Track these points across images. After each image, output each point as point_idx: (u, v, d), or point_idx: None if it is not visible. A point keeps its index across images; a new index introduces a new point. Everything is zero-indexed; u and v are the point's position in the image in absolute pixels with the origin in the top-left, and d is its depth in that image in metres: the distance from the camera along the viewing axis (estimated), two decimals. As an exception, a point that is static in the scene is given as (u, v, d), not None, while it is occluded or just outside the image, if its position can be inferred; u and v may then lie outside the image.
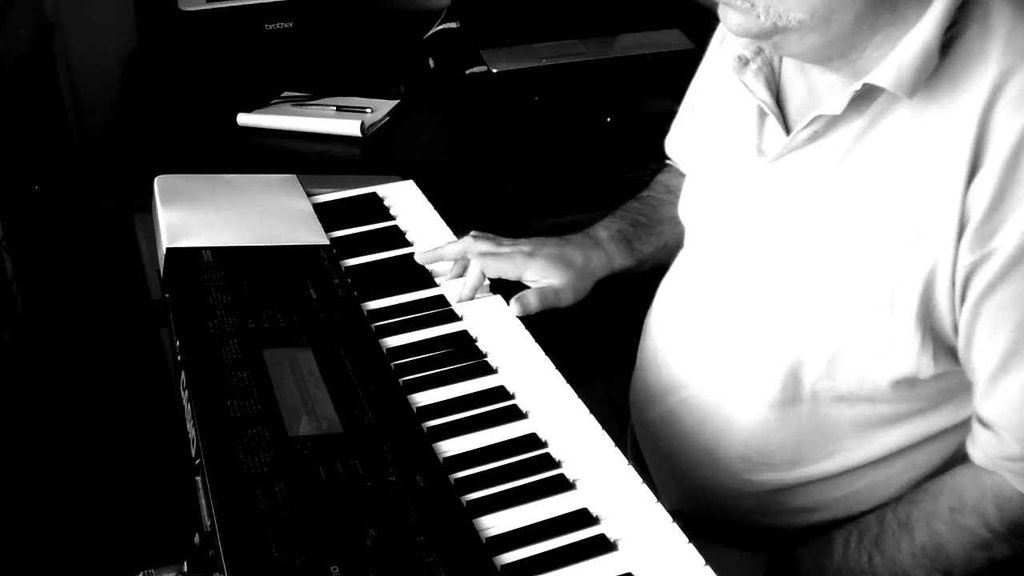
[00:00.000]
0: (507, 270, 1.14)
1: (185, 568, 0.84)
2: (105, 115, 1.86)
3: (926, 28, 0.85)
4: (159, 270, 1.17)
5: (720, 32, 1.17)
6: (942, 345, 0.91)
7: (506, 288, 1.16)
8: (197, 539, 0.85)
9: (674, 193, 1.20)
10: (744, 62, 1.00)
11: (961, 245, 0.85)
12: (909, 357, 0.91)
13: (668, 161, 1.34)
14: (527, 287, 1.14)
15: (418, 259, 1.18)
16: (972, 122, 0.84)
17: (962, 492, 0.95)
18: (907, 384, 0.94)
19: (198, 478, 0.86)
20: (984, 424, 0.93)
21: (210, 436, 0.88)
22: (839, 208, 0.92)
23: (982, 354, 0.89)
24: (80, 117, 2.03)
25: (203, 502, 0.83)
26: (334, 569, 0.75)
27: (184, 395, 0.96)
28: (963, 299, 0.87)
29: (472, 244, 1.15)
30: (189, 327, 1.03)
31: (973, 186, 0.84)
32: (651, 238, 1.24)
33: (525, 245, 1.16)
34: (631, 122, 1.69)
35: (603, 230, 1.22)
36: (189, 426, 0.93)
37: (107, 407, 1.92)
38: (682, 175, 1.26)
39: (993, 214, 0.83)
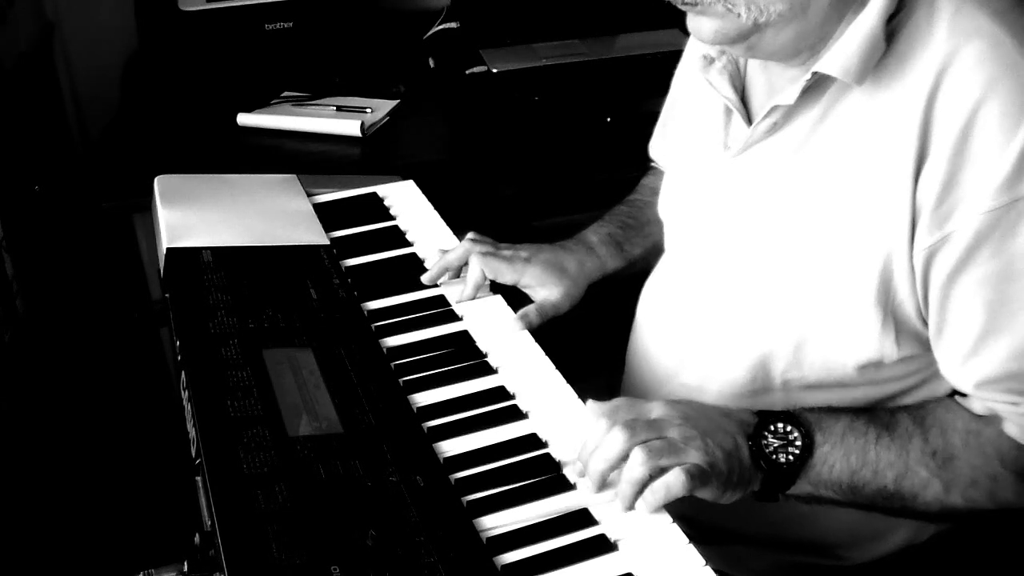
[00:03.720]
0: (506, 272, 1.14)
1: (185, 568, 0.84)
2: (105, 115, 1.86)
3: (871, 15, 0.87)
4: (159, 270, 1.17)
5: None
6: (905, 329, 0.92)
7: (506, 288, 1.16)
8: (197, 539, 0.85)
9: (659, 194, 1.21)
10: (709, 61, 1.02)
11: (917, 230, 0.87)
12: (871, 341, 0.92)
13: (652, 164, 1.35)
14: (521, 293, 1.15)
15: (426, 279, 1.17)
16: (919, 106, 0.85)
17: (979, 420, 0.93)
18: (873, 368, 0.95)
19: (198, 478, 0.86)
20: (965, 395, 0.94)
21: (210, 436, 0.88)
22: (798, 196, 0.94)
23: (954, 336, 0.90)
24: (80, 117, 2.02)
25: (203, 502, 0.83)
26: (334, 569, 0.75)
27: (184, 395, 0.96)
28: (925, 283, 0.89)
29: (472, 246, 1.16)
30: (189, 327, 1.03)
31: (924, 171, 0.85)
32: (640, 239, 1.25)
33: (523, 251, 1.17)
34: (631, 122, 1.69)
35: (593, 235, 1.23)
36: (189, 426, 0.93)
37: (107, 407, 1.92)
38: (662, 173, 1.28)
39: (946, 197, 0.85)
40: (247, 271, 1.12)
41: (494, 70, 1.82)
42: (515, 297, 1.16)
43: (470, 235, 1.18)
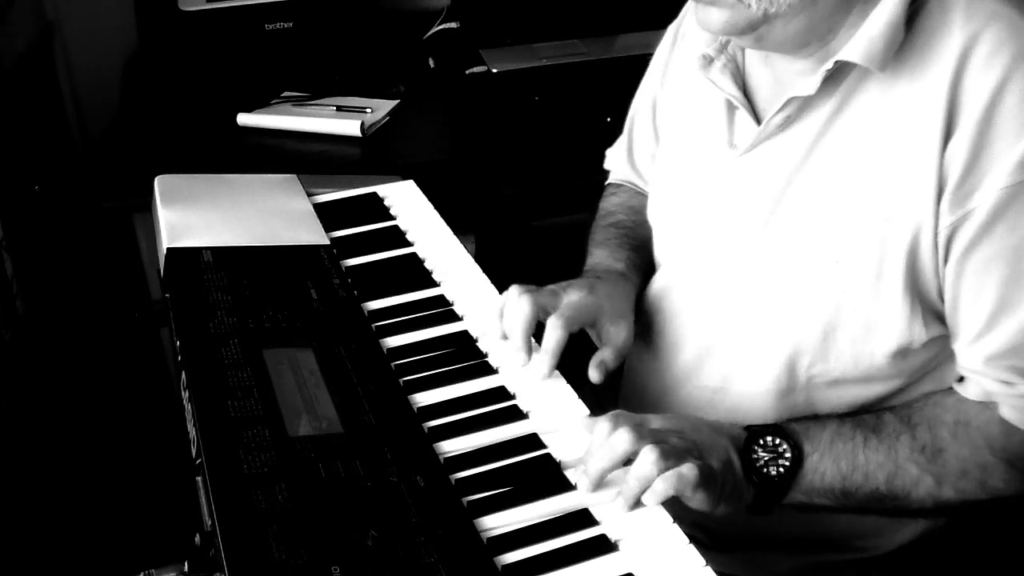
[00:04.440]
0: (584, 323, 1.06)
1: (186, 568, 0.84)
2: (105, 115, 1.86)
3: (891, 2, 0.88)
4: (159, 270, 1.17)
5: (669, 37, 1.18)
6: (930, 310, 0.93)
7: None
8: (198, 539, 0.85)
9: (641, 213, 1.20)
10: (708, 60, 1.02)
11: (941, 207, 0.88)
12: (901, 326, 0.93)
13: (610, 182, 1.34)
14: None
15: (494, 338, 1.05)
16: (943, 88, 0.86)
17: (968, 410, 0.94)
18: (901, 355, 0.95)
19: (199, 478, 0.86)
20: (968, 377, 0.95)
21: (211, 436, 0.88)
22: (819, 188, 0.94)
23: (969, 313, 0.91)
24: (80, 117, 2.03)
25: (204, 502, 0.83)
26: (335, 569, 0.75)
27: (185, 395, 0.96)
28: (946, 260, 0.90)
29: (544, 300, 1.04)
30: (189, 327, 1.03)
31: (949, 149, 0.86)
32: (647, 258, 1.22)
33: (585, 291, 1.08)
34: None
35: (617, 262, 1.18)
36: (190, 426, 0.93)
37: (107, 407, 1.92)
38: (638, 193, 1.27)
39: (970, 174, 0.86)
40: (247, 271, 1.12)
41: (494, 70, 1.82)
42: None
43: (516, 288, 1.04)
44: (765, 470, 0.92)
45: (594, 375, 1.04)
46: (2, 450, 1.70)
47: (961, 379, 0.96)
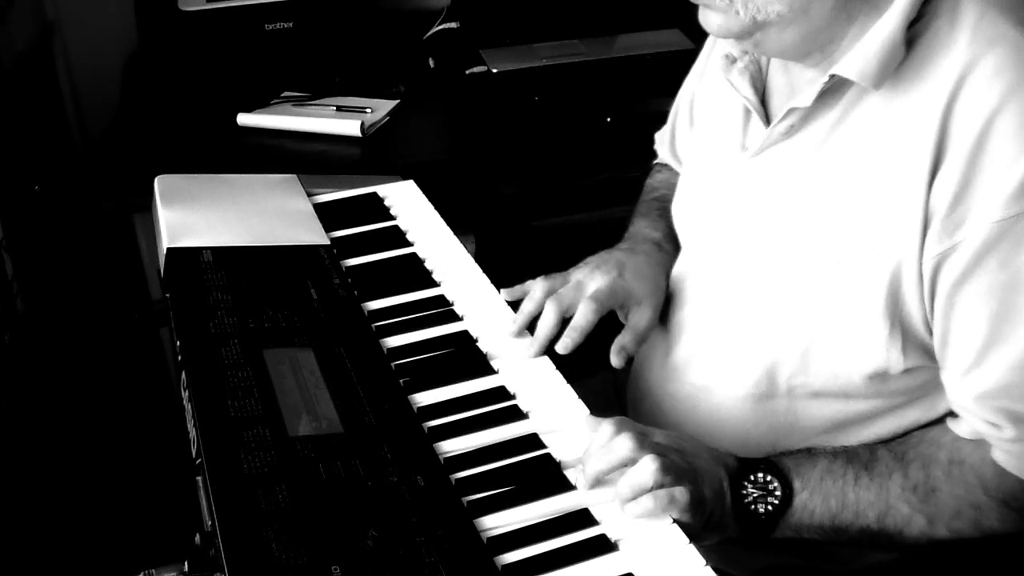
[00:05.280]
0: (613, 305, 1.08)
1: (186, 568, 0.84)
2: (105, 115, 1.86)
3: (891, 19, 0.86)
4: (159, 270, 1.17)
5: None
6: (912, 339, 0.91)
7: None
8: (198, 539, 0.85)
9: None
10: (731, 61, 1.02)
11: (928, 237, 0.86)
12: (878, 350, 0.91)
13: (657, 162, 1.35)
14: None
15: (512, 331, 1.08)
16: (936, 113, 0.84)
17: (962, 449, 0.93)
18: (880, 379, 0.94)
19: (199, 478, 0.86)
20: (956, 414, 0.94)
21: (211, 436, 0.88)
22: (812, 200, 0.93)
23: (958, 347, 0.89)
24: (80, 117, 2.03)
25: (204, 502, 0.83)
26: (335, 569, 0.75)
27: (185, 395, 0.96)
28: (932, 292, 0.88)
29: (573, 294, 1.07)
30: (190, 327, 1.03)
31: (938, 177, 0.84)
32: None
33: (628, 290, 1.09)
34: (631, 122, 1.69)
35: (655, 231, 1.20)
36: (190, 426, 0.93)
37: (107, 407, 1.92)
38: (678, 173, 1.27)
39: (958, 205, 0.84)
40: (247, 271, 1.12)
41: (494, 70, 1.82)
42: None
43: (541, 279, 1.10)
44: (753, 507, 0.92)
45: (615, 360, 1.06)
46: (2, 450, 1.70)
47: (955, 415, 0.95)
